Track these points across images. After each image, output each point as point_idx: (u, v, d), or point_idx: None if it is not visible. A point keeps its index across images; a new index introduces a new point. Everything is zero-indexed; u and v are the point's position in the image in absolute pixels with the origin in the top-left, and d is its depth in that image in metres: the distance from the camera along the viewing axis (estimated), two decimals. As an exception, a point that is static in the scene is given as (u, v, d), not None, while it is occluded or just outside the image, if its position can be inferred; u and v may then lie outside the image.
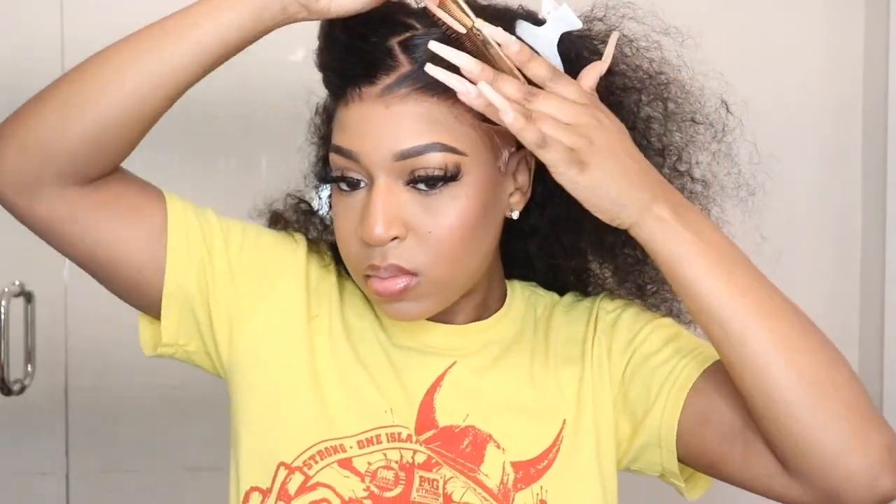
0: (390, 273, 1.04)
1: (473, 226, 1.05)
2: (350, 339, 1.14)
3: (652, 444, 1.12)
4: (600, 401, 1.14)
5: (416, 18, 1.05)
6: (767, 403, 1.01)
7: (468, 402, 1.12)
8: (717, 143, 1.16)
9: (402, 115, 1.02)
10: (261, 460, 1.10)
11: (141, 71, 1.03)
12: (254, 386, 1.12)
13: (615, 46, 1.10)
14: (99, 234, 1.08)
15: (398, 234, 1.03)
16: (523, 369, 1.15)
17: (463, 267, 1.06)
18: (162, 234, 1.10)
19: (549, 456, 1.11)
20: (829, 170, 2.10)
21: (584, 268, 1.22)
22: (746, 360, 1.01)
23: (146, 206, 1.11)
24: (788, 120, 2.03)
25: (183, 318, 1.12)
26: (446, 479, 1.09)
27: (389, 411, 1.11)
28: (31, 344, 1.97)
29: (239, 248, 1.13)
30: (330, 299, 1.16)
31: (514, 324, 1.18)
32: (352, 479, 1.08)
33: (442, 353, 1.14)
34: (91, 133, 1.04)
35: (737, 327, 1.01)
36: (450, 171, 1.02)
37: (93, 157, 1.05)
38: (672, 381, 1.11)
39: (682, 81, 1.16)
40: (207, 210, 1.15)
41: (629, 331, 1.15)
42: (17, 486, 2.06)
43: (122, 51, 1.05)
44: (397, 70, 1.02)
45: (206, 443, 2.03)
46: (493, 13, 1.07)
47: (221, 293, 1.12)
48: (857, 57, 2.07)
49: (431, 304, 1.08)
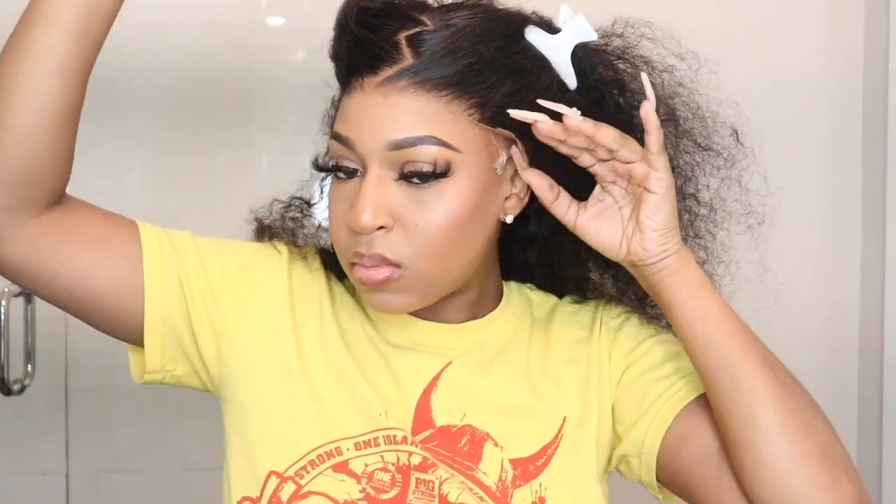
0: (374, 262, 1.05)
1: (462, 223, 1.05)
2: (344, 340, 1.14)
3: (633, 455, 1.13)
4: (604, 400, 1.14)
5: (429, 14, 1.05)
6: (749, 427, 1.03)
7: (465, 401, 1.12)
8: (727, 169, 1.17)
9: (398, 106, 1.03)
10: (251, 471, 1.10)
11: (21, 73, 1.01)
12: (244, 401, 1.12)
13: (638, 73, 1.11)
14: (74, 268, 1.07)
15: (385, 223, 1.04)
16: (519, 368, 1.15)
17: (448, 264, 1.06)
18: (137, 261, 1.09)
19: (547, 452, 1.11)
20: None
21: (583, 276, 1.22)
22: (738, 382, 1.04)
23: (116, 235, 1.10)
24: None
25: (167, 343, 1.13)
26: (442, 481, 1.09)
27: (384, 414, 1.11)
28: (31, 344, 1.97)
29: (218, 267, 1.13)
30: (320, 304, 1.16)
31: (510, 323, 1.18)
32: (347, 482, 1.08)
33: (437, 352, 1.14)
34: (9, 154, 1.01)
35: (723, 352, 1.05)
36: (440, 168, 1.03)
37: (24, 179, 1.02)
38: (664, 399, 1.11)
39: (695, 106, 1.16)
40: (184, 233, 1.15)
41: (631, 340, 1.16)
42: (17, 486, 2.06)
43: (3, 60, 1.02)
44: (400, 63, 1.03)
45: (206, 443, 2.03)
46: (505, 16, 1.08)
47: (204, 314, 1.12)
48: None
49: (414, 299, 1.08)
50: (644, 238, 1.06)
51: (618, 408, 1.14)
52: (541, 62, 1.07)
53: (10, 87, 1.01)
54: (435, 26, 1.04)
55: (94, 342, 2.01)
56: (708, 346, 1.05)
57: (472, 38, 1.03)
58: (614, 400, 1.14)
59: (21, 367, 1.96)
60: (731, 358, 1.05)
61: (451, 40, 1.02)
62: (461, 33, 1.03)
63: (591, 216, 1.08)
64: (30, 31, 1.01)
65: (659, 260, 1.06)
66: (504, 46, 1.05)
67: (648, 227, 1.05)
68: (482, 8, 1.07)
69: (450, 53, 1.02)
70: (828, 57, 2.12)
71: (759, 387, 1.04)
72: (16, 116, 1.01)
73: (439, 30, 1.03)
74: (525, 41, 1.07)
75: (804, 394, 1.07)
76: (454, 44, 1.02)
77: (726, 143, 1.17)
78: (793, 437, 1.02)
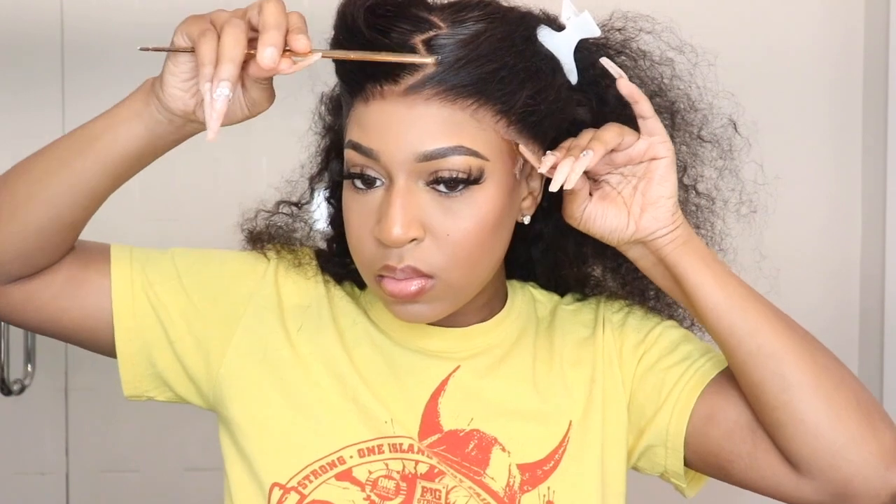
0: (406, 275, 1.02)
1: (491, 230, 1.04)
2: (345, 347, 1.13)
3: (658, 444, 1.12)
4: (611, 402, 1.13)
5: (439, 15, 1.02)
6: (783, 389, 1.02)
7: (472, 406, 1.11)
8: (724, 160, 1.17)
9: (425, 116, 1.00)
10: (255, 485, 1.09)
11: (51, 185, 1.04)
12: (239, 418, 1.11)
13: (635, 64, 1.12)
14: (41, 315, 1.10)
15: (416, 235, 1.02)
16: (525, 372, 1.14)
17: (479, 270, 1.05)
18: (107, 294, 1.10)
19: (555, 457, 1.11)
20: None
21: (585, 274, 1.21)
22: (764, 346, 1.03)
23: (82, 275, 1.10)
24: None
25: (142, 371, 1.13)
26: (449, 489, 1.08)
27: (390, 422, 1.09)
28: (31, 344, 1.98)
29: (200, 285, 1.12)
30: (318, 310, 1.14)
31: (516, 325, 1.17)
32: (351, 490, 1.07)
33: (444, 357, 1.13)
34: (16, 245, 1.05)
35: (745, 318, 1.04)
36: (473, 175, 1.01)
37: (23, 264, 1.06)
38: (684, 383, 1.11)
39: (693, 98, 1.16)
40: (166, 253, 1.14)
41: (638, 332, 1.15)
42: (17, 486, 2.07)
43: (35, 165, 1.05)
44: (422, 70, 1.00)
45: (206, 443, 2.03)
46: (521, 18, 1.06)
47: (188, 336, 1.11)
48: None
49: (444, 307, 1.06)
50: (657, 209, 1.05)
51: (635, 402, 1.13)
52: (553, 62, 1.06)
53: (32, 191, 1.04)
54: (448, 29, 1.01)
55: (94, 342, 2.02)
56: (728, 313, 1.05)
57: (493, 44, 1.01)
58: (630, 396, 1.13)
59: (21, 367, 1.96)
60: (754, 323, 1.04)
61: (472, 46, 1.00)
62: (481, 38, 1.01)
63: (595, 203, 1.08)
64: (73, 159, 1.03)
65: (672, 230, 1.06)
66: (523, 50, 1.03)
67: (662, 195, 1.05)
68: (493, 8, 1.05)
69: (473, 60, 1.00)
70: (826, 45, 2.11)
71: (787, 348, 1.04)
72: (31, 214, 1.04)
73: (455, 33, 1.00)
74: (538, 42, 1.06)
75: (827, 350, 1.06)
76: (475, 50, 1.00)
77: (723, 135, 1.17)
78: (828, 393, 1.02)
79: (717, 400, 1.09)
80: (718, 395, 1.09)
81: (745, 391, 1.06)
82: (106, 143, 1.02)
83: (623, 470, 1.13)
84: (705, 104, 1.16)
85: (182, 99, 0.99)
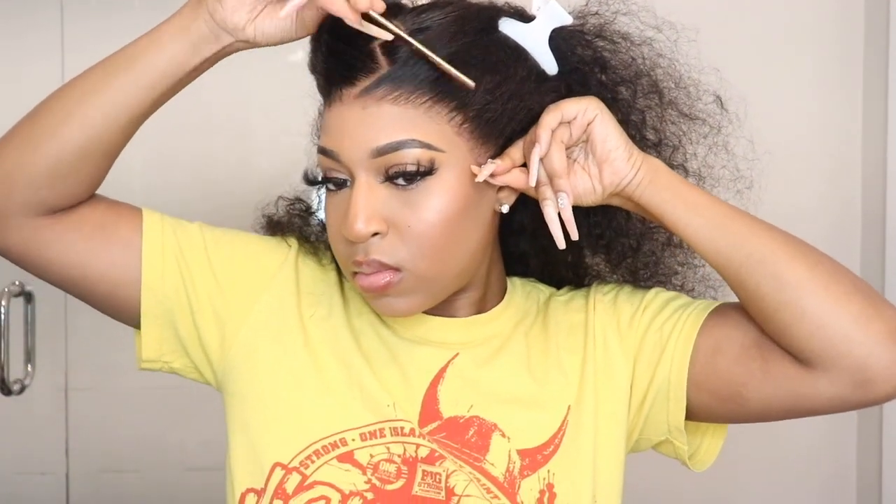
0: (373, 269, 1.06)
1: (454, 219, 1.06)
2: (353, 334, 1.15)
3: (660, 399, 1.14)
4: (603, 385, 1.15)
5: (401, 19, 1.05)
6: (780, 289, 1.05)
7: (472, 393, 1.13)
8: (713, 137, 1.18)
9: (378, 115, 1.04)
10: (255, 462, 1.11)
11: (92, 105, 1.05)
12: (247, 392, 1.13)
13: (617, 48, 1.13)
14: (69, 257, 1.10)
15: (378, 229, 1.05)
16: (522, 360, 1.16)
17: (447, 260, 1.07)
18: (136, 250, 1.11)
19: (555, 441, 1.12)
20: (829, 167, 2.10)
21: (577, 261, 1.23)
22: (754, 254, 1.06)
23: (113, 224, 1.12)
24: (786, 115, 2.03)
25: (165, 335, 1.14)
26: (449, 473, 1.10)
27: (392, 406, 1.11)
28: (31, 344, 1.98)
29: (225, 257, 1.14)
30: (331, 298, 1.17)
31: (514, 317, 1.19)
32: (352, 472, 1.09)
33: (444, 346, 1.15)
34: (50, 166, 1.06)
35: (730, 233, 1.08)
36: (423, 166, 1.04)
37: (56, 188, 1.07)
38: (679, 330, 1.13)
39: (677, 76, 1.18)
40: (194, 224, 1.16)
41: (631, 304, 1.18)
42: (17, 486, 2.07)
43: (75, 87, 1.07)
44: (376, 72, 1.04)
45: (206, 443, 2.04)
46: (476, 11, 1.09)
47: (207, 303, 1.13)
48: (858, 52, 2.07)
49: (419, 300, 1.09)
50: (612, 164, 1.08)
51: (639, 369, 1.15)
52: (515, 53, 1.08)
53: (72, 110, 1.06)
54: (408, 31, 1.04)
55: (94, 342, 2.02)
56: (712, 233, 1.08)
57: (445, 38, 1.04)
58: (633, 367, 1.15)
59: (21, 367, 1.96)
60: (738, 236, 1.07)
61: (424, 43, 1.03)
62: (433, 34, 1.04)
63: None
64: (115, 76, 1.06)
65: (633, 177, 1.09)
66: (475, 41, 1.06)
67: (609, 149, 1.08)
68: (453, 6, 1.08)
69: (423, 56, 1.03)
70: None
71: (776, 251, 1.06)
72: (68, 133, 1.05)
73: (413, 34, 1.04)
74: (499, 34, 1.08)
75: (818, 249, 1.09)
76: (427, 45, 1.03)
77: (710, 111, 1.19)
78: (825, 283, 1.05)
79: (719, 330, 1.12)
80: (718, 325, 1.12)
81: (747, 306, 1.09)
82: (149, 58, 1.06)
83: (618, 448, 1.15)
84: (691, 81, 1.17)
85: (239, 12, 1.03)
